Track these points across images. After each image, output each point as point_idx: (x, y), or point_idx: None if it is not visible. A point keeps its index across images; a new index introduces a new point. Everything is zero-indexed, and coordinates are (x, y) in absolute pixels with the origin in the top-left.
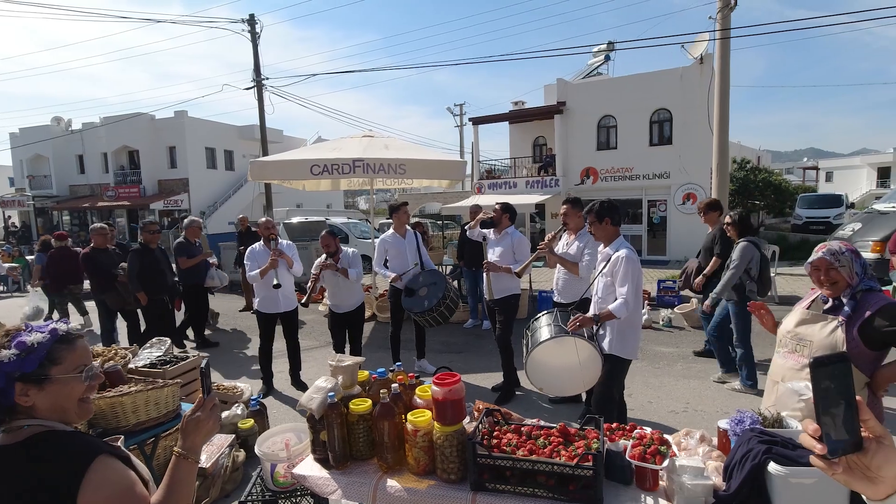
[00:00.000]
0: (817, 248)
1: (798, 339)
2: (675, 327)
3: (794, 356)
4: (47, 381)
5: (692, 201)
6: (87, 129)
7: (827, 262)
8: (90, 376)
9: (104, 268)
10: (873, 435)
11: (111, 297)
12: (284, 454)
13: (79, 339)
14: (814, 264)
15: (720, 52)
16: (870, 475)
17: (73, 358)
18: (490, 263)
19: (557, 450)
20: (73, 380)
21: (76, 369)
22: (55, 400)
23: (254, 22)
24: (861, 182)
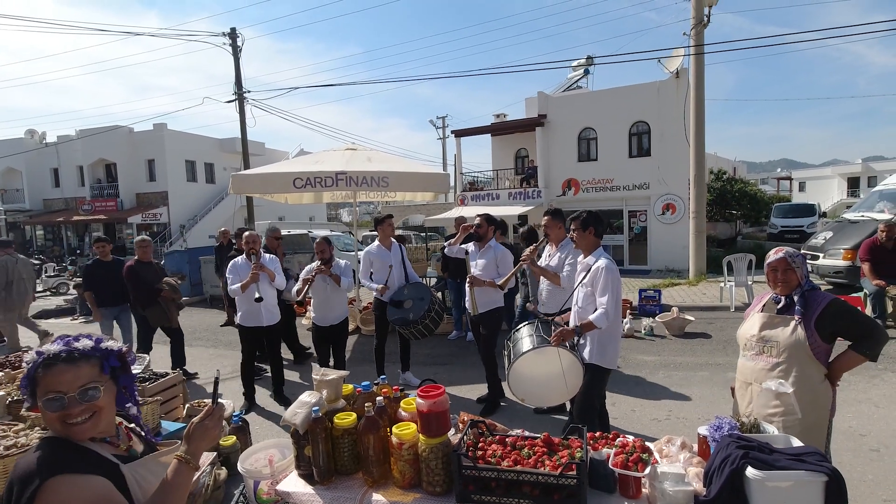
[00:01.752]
0: (774, 251)
1: (764, 341)
2: (656, 336)
3: (763, 357)
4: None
5: (672, 211)
6: (62, 141)
7: (786, 262)
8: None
9: (147, 282)
10: None
11: (153, 313)
12: (268, 471)
13: (61, 364)
14: (772, 265)
15: (695, 66)
16: None
17: (46, 383)
18: (474, 278)
19: (542, 460)
20: (43, 405)
21: (44, 395)
22: (42, 416)
23: (235, 35)
24: (832, 192)
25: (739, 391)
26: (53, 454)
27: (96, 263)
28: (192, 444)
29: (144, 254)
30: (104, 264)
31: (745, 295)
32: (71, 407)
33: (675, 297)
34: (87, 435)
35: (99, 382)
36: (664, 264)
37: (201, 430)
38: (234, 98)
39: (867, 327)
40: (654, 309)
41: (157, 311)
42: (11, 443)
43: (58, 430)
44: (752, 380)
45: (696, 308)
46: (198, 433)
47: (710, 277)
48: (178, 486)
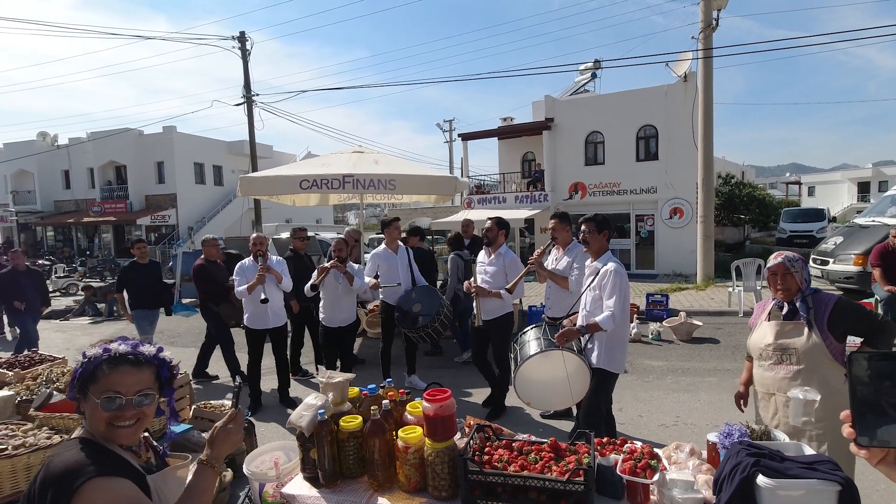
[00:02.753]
0: (774, 255)
1: (782, 349)
2: (664, 341)
3: (784, 366)
4: (86, 395)
5: (679, 216)
6: (73, 144)
7: (784, 266)
8: (109, 408)
9: (219, 280)
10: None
11: (226, 310)
12: (273, 473)
13: (126, 365)
14: (772, 269)
15: (703, 70)
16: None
17: (107, 382)
18: (480, 288)
19: (549, 465)
20: (95, 403)
21: (102, 393)
22: (89, 415)
23: (244, 39)
24: (842, 196)
25: (762, 402)
26: (91, 456)
27: (132, 266)
28: (215, 448)
29: (214, 252)
30: (139, 266)
31: (753, 300)
32: (126, 409)
33: (682, 301)
34: (130, 440)
35: (152, 390)
36: (671, 269)
37: (224, 434)
38: (243, 101)
39: (876, 322)
40: (662, 313)
41: (229, 307)
42: (20, 442)
43: (101, 430)
44: (774, 390)
45: (704, 313)
46: (220, 437)
47: (718, 282)
48: (203, 491)
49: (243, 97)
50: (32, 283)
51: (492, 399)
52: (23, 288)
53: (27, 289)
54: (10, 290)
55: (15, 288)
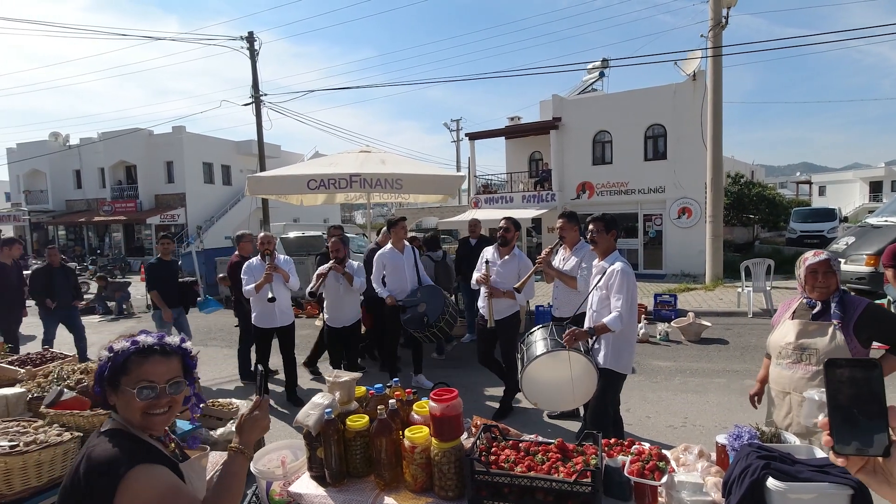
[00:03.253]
0: (813, 253)
1: (802, 349)
2: (672, 341)
3: (802, 366)
4: (118, 388)
5: (688, 215)
6: (84, 144)
7: (828, 264)
8: (144, 396)
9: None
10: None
11: None
12: (280, 472)
13: (156, 356)
14: (812, 267)
15: (712, 69)
16: (891, 481)
17: (139, 372)
18: (494, 289)
19: (556, 466)
20: (130, 394)
21: (136, 384)
22: (122, 407)
23: (253, 39)
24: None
25: (776, 400)
26: (130, 446)
27: (159, 262)
28: (244, 435)
29: (250, 248)
30: (166, 263)
31: (762, 301)
32: (161, 397)
33: (690, 302)
34: (162, 427)
35: (181, 378)
36: (679, 269)
37: (252, 422)
38: (251, 101)
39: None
40: (670, 314)
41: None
42: (31, 439)
43: (136, 420)
44: (790, 389)
45: (713, 313)
46: (248, 424)
47: (727, 282)
48: (235, 476)
49: (251, 97)
50: (65, 279)
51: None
52: (56, 284)
53: (60, 285)
54: (43, 287)
55: (49, 285)
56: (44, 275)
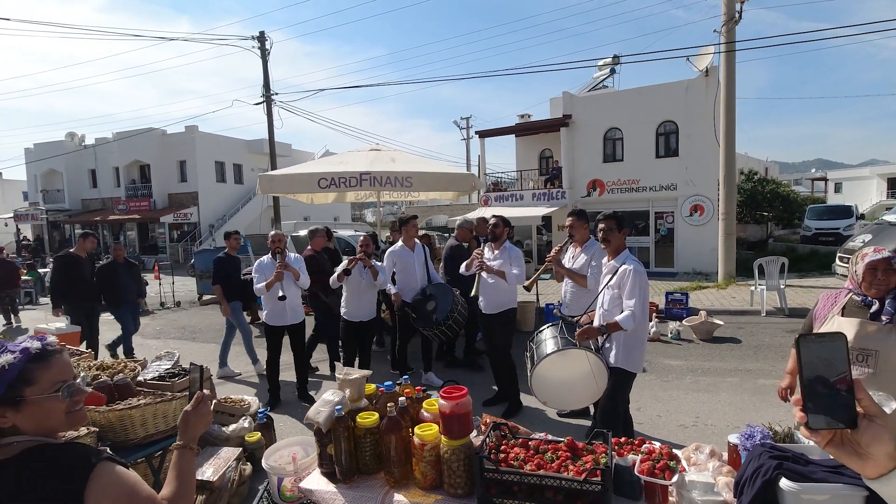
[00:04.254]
0: (873, 249)
1: (860, 349)
2: (683, 340)
3: (856, 367)
4: (23, 402)
5: (700, 213)
6: (100, 144)
7: (889, 262)
8: (70, 393)
9: (328, 270)
10: (867, 413)
11: (334, 300)
12: (291, 468)
13: (55, 355)
14: (872, 264)
15: (725, 64)
16: (860, 452)
17: (49, 376)
18: (486, 264)
19: (565, 464)
20: (50, 399)
21: (53, 388)
22: (37, 419)
23: (264, 39)
24: (871, 193)
25: None
26: (85, 447)
27: (227, 257)
28: (189, 430)
29: (322, 242)
30: (232, 259)
31: (776, 299)
32: (79, 392)
33: (702, 300)
34: (84, 422)
35: None
36: (691, 267)
37: (196, 417)
38: (262, 100)
39: None
40: (682, 312)
41: (335, 297)
42: None
43: (61, 424)
44: None
45: (725, 312)
46: (192, 420)
47: (740, 281)
48: (188, 472)
49: (263, 96)
50: (129, 275)
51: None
52: (121, 280)
53: (125, 281)
54: (109, 283)
55: (114, 281)
56: (109, 271)
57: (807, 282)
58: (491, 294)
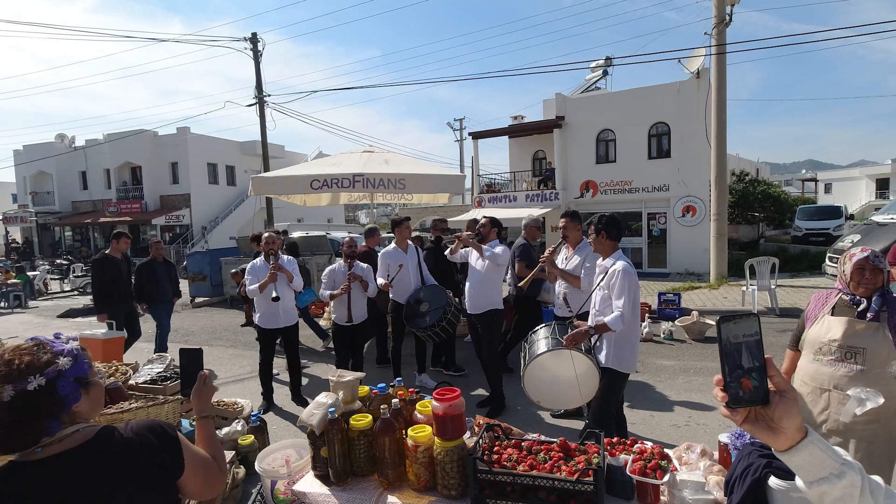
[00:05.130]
0: (860, 249)
1: (848, 347)
2: (676, 340)
3: (846, 364)
4: (91, 385)
5: (692, 214)
6: (90, 145)
7: (869, 261)
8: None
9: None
10: (778, 389)
11: (382, 299)
12: (285, 470)
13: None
14: (860, 263)
15: (716, 66)
16: (773, 426)
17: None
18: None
19: (558, 465)
20: (98, 380)
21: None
22: (94, 401)
23: (256, 40)
24: (860, 193)
25: (810, 396)
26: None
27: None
28: (202, 402)
29: (375, 241)
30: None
31: (767, 299)
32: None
33: (695, 300)
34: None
35: None
36: (684, 267)
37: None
38: (255, 102)
39: None
40: (674, 312)
41: (385, 296)
42: None
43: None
44: (830, 386)
45: (717, 312)
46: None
47: (732, 281)
48: (214, 437)
49: (255, 98)
50: (167, 274)
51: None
52: (160, 279)
53: (163, 280)
54: (149, 281)
55: (153, 279)
56: (149, 269)
57: (798, 282)
58: (478, 294)
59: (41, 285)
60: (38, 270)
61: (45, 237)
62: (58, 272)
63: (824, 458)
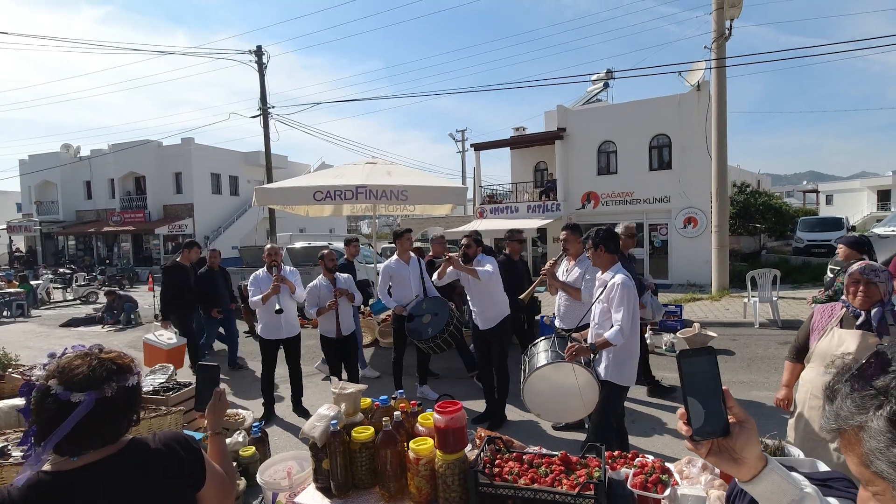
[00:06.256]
0: (858, 263)
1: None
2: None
3: None
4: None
5: (693, 225)
6: (95, 155)
7: (862, 275)
8: None
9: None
10: (737, 420)
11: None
12: (286, 483)
13: None
14: (853, 276)
15: (716, 80)
16: (735, 456)
17: None
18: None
19: (559, 478)
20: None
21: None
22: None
23: (261, 53)
24: (862, 205)
25: (812, 408)
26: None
27: (347, 263)
28: (216, 418)
29: (438, 251)
30: (350, 265)
31: (769, 311)
32: None
33: (696, 312)
34: None
35: None
36: (685, 279)
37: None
38: (259, 113)
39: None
40: (675, 324)
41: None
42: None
43: None
44: None
45: (719, 324)
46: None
47: (734, 292)
48: (225, 450)
49: (259, 110)
50: (224, 282)
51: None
52: (218, 287)
53: (221, 288)
54: (208, 290)
55: (212, 288)
56: (208, 278)
57: (800, 293)
58: (485, 308)
59: (44, 294)
60: (41, 279)
61: (49, 246)
62: (61, 281)
63: (786, 486)
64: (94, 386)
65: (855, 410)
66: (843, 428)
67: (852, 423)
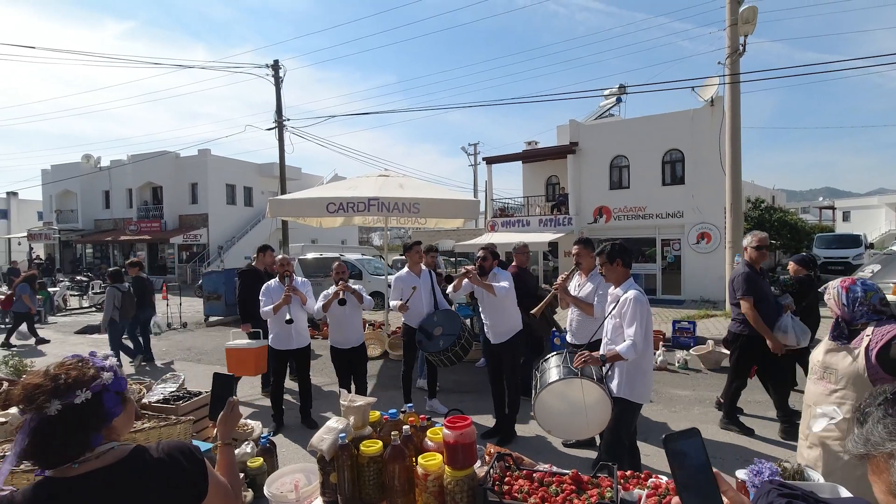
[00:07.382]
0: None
1: (825, 366)
2: (691, 369)
3: (823, 382)
4: (127, 401)
5: (707, 241)
6: (115, 166)
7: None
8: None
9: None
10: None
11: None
12: (293, 496)
13: None
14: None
15: (730, 95)
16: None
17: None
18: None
19: (570, 498)
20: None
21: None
22: (129, 416)
23: (278, 67)
24: (880, 222)
25: (804, 412)
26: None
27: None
28: (227, 429)
29: (522, 260)
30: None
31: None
32: None
33: (710, 329)
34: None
35: None
36: (699, 295)
37: (233, 419)
38: (275, 126)
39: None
40: (689, 341)
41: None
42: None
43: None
44: (811, 402)
45: None
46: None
47: None
48: (233, 462)
49: (275, 122)
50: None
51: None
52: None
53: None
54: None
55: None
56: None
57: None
58: (498, 322)
59: (61, 301)
60: (58, 287)
61: (67, 254)
62: (77, 289)
63: None
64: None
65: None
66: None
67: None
